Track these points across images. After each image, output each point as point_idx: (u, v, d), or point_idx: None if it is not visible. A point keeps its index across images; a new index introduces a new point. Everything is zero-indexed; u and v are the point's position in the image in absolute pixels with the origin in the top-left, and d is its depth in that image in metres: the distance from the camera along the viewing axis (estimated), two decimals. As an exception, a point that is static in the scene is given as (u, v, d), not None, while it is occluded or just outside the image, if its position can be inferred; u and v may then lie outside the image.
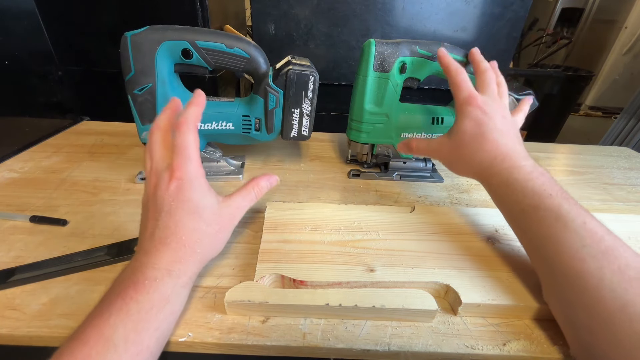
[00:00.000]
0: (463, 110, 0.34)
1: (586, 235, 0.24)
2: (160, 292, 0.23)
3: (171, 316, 0.24)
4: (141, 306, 0.22)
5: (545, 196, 0.27)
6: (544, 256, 0.26)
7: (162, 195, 0.26)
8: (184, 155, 0.27)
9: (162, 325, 0.23)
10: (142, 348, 0.21)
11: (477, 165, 0.33)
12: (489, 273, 0.30)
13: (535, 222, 0.27)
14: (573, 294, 0.23)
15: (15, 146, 0.52)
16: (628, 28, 1.78)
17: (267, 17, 0.92)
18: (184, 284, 0.26)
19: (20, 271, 0.29)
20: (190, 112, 0.29)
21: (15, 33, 0.52)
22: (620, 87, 1.88)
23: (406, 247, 0.33)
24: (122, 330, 0.21)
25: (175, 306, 0.25)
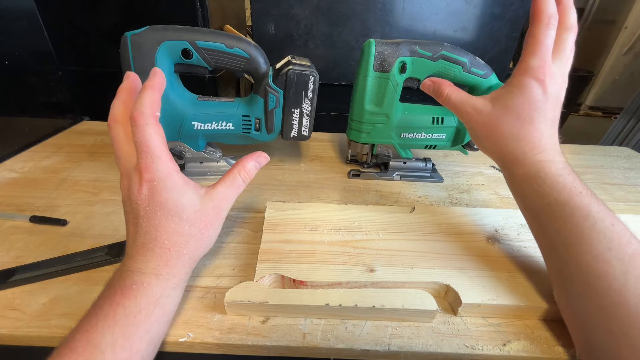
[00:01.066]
0: (523, 81, 0.28)
1: (614, 238, 0.23)
2: (148, 295, 0.23)
3: (162, 318, 0.24)
4: (128, 311, 0.22)
5: (576, 193, 0.26)
6: (564, 255, 0.25)
7: (136, 200, 0.25)
8: (148, 154, 0.24)
9: (152, 328, 0.23)
10: (132, 353, 0.21)
11: (510, 150, 0.29)
12: (489, 273, 0.30)
13: (560, 218, 0.25)
14: (591, 296, 0.23)
15: (15, 146, 0.52)
16: (628, 28, 1.78)
17: (267, 17, 0.92)
18: (175, 286, 0.25)
19: (20, 271, 0.29)
20: (144, 100, 0.25)
21: (15, 33, 0.52)
22: (620, 87, 1.88)
23: (406, 247, 0.33)
24: (110, 337, 0.21)
25: (166, 307, 0.24)
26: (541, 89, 0.28)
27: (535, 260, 0.32)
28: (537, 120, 0.28)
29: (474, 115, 0.31)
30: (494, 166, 0.56)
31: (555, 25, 0.28)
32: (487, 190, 0.49)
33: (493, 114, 0.30)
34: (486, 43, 0.98)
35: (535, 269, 0.31)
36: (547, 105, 0.28)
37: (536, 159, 0.28)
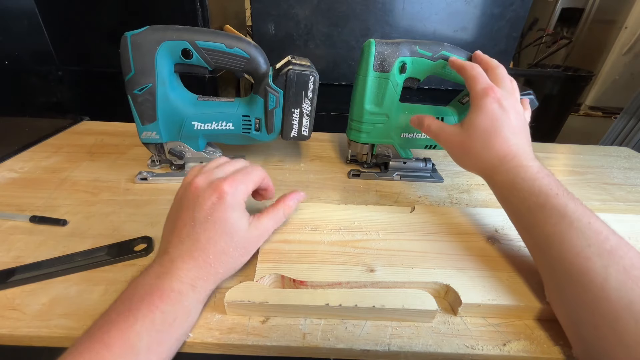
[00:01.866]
0: (479, 103, 0.33)
1: (591, 235, 0.24)
2: (183, 305, 0.24)
3: (189, 329, 0.25)
4: (166, 317, 0.22)
5: (552, 195, 0.27)
6: (548, 255, 0.26)
7: (203, 202, 0.26)
8: (243, 178, 0.28)
9: (180, 338, 0.24)
10: (161, 358, 0.22)
11: (485, 161, 0.33)
12: (489, 273, 0.30)
13: (540, 220, 0.27)
14: (577, 293, 0.23)
15: (15, 146, 0.52)
16: (628, 28, 1.78)
17: (267, 17, 0.92)
18: (202, 300, 0.26)
19: (20, 271, 0.29)
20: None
21: (15, 33, 0.52)
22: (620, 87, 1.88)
23: (406, 247, 0.33)
24: (147, 339, 0.21)
25: (193, 319, 0.25)
26: (496, 103, 0.33)
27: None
28: (501, 130, 0.32)
29: (449, 139, 0.36)
30: (494, 166, 0.56)
31: (477, 65, 0.36)
32: (487, 190, 0.48)
33: (464, 135, 0.34)
34: (486, 43, 0.98)
35: (535, 269, 0.31)
36: (507, 115, 0.32)
37: (510, 165, 0.31)
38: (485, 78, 0.35)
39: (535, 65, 1.95)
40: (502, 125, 0.32)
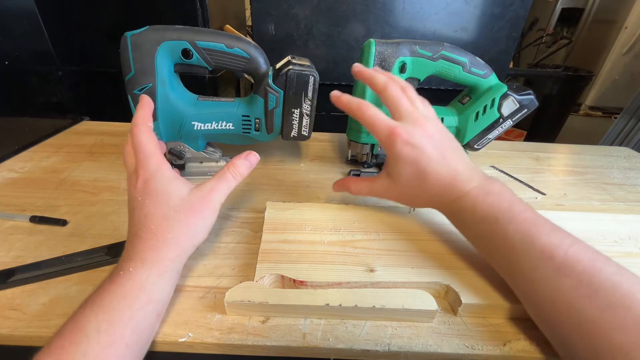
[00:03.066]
0: (391, 152, 0.30)
1: (535, 257, 0.24)
2: (133, 280, 0.24)
3: (148, 306, 0.24)
4: (113, 296, 0.23)
5: (492, 221, 0.27)
6: (509, 280, 0.27)
7: (132, 194, 0.28)
8: (142, 153, 0.28)
9: (137, 315, 0.23)
10: (115, 338, 0.21)
11: (429, 201, 0.32)
12: (489, 273, 0.30)
13: (490, 247, 0.27)
14: (538, 314, 0.25)
15: (15, 146, 0.52)
16: (628, 28, 1.78)
17: (267, 17, 0.92)
18: (161, 272, 0.25)
19: (20, 271, 0.29)
20: (138, 115, 0.31)
21: (15, 33, 0.52)
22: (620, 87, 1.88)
23: (406, 247, 0.33)
24: (95, 321, 0.21)
25: (152, 295, 0.24)
26: (408, 146, 0.29)
27: (535, 260, 0.32)
28: (426, 169, 0.29)
29: (386, 194, 0.34)
30: (494, 166, 0.56)
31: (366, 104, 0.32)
32: (487, 190, 0.49)
33: (396, 186, 0.32)
34: (486, 43, 0.98)
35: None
36: (423, 152, 0.29)
37: (451, 198, 0.30)
38: (382, 119, 0.31)
39: (535, 65, 1.95)
40: (424, 165, 0.29)
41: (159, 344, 0.25)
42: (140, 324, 0.23)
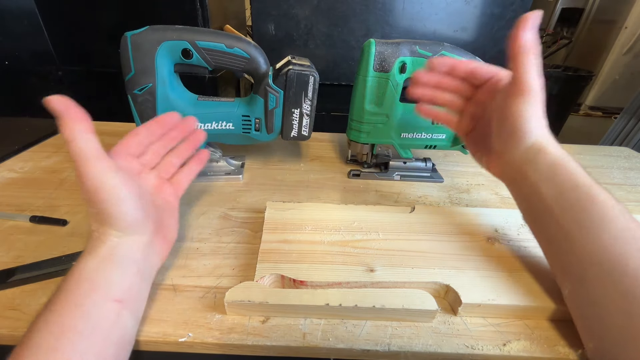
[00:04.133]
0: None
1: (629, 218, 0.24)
2: (74, 270, 0.24)
3: (94, 293, 0.23)
4: (60, 290, 0.23)
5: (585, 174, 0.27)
6: (579, 240, 0.25)
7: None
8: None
9: (85, 303, 0.22)
10: (64, 328, 0.21)
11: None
12: (489, 273, 0.30)
13: (587, 199, 0.25)
14: (609, 280, 0.23)
15: (15, 146, 0.52)
16: (628, 28, 1.79)
17: (267, 17, 0.92)
18: (103, 258, 0.24)
19: (20, 271, 0.29)
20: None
21: (15, 33, 0.52)
22: (620, 87, 1.88)
23: (406, 247, 0.33)
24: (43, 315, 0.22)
25: (95, 282, 0.23)
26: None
27: (536, 260, 0.32)
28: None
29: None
30: (494, 166, 0.56)
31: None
32: (487, 190, 0.49)
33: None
34: (486, 43, 0.98)
35: (536, 268, 0.31)
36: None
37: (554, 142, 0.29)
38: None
39: (536, 65, 1.95)
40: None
41: (159, 344, 0.26)
42: (92, 312, 0.22)
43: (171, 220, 0.31)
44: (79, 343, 0.21)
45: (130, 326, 0.24)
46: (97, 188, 0.24)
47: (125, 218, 0.25)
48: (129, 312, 0.24)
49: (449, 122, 0.37)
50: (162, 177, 0.33)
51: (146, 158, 0.32)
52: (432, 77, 0.35)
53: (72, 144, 0.24)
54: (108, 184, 0.24)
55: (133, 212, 0.26)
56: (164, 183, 0.32)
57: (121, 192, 0.25)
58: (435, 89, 0.36)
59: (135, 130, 0.31)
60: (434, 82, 0.35)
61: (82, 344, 0.21)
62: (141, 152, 0.32)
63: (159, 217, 0.29)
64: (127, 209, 0.25)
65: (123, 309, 0.24)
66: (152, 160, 0.32)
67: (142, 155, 0.32)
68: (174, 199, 0.33)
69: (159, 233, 0.29)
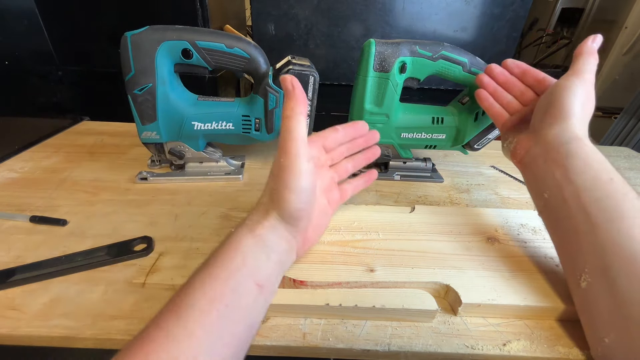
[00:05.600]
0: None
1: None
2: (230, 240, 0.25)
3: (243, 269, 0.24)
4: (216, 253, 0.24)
5: (604, 176, 0.27)
6: (607, 232, 0.25)
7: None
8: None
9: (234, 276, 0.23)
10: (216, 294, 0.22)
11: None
12: (489, 273, 0.30)
13: (620, 192, 0.25)
14: (636, 271, 0.23)
15: (15, 146, 0.52)
16: (628, 28, 1.78)
17: (267, 17, 0.92)
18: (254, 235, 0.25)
19: (21, 271, 0.29)
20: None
21: (15, 33, 0.52)
22: (620, 87, 1.88)
23: (406, 247, 0.33)
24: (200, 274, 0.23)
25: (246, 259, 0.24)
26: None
27: (536, 260, 0.32)
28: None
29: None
30: (494, 166, 0.56)
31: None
32: (487, 190, 0.49)
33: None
34: (486, 43, 0.98)
35: (536, 268, 0.31)
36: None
37: (586, 135, 0.30)
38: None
39: (535, 65, 1.95)
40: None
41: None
42: (239, 287, 0.23)
43: (322, 222, 0.32)
44: (225, 316, 0.21)
45: (261, 314, 0.25)
46: (287, 167, 0.25)
47: (294, 206, 0.26)
48: (264, 299, 0.25)
49: (499, 116, 0.38)
50: (335, 180, 0.34)
51: (332, 155, 0.34)
52: (503, 74, 0.38)
53: (287, 120, 0.26)
54: (298, 168, 0.25)
55: (303, 203, 0.26)
56: (334, 185, 0.34)
57: (303, 181, 0.26)
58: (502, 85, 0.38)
59: (335, 127, 0.34)
60: (503, 79, 0.38)
61: (227, 318, 0.21)
62: (332, 149, 0.34)
63: (317, 215, 0.30)
64: (299, 198, 0.26)
65: (260, 294, 0.24)
66: (335, 159, 0.34)
67: (331, 152, 0.33)
68: (334, 205, 0.34)
69: (308, 231, 0.29)
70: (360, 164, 0.36)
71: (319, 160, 0.32)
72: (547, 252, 0.33)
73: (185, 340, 0.19)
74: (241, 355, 0.22)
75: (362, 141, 0.36)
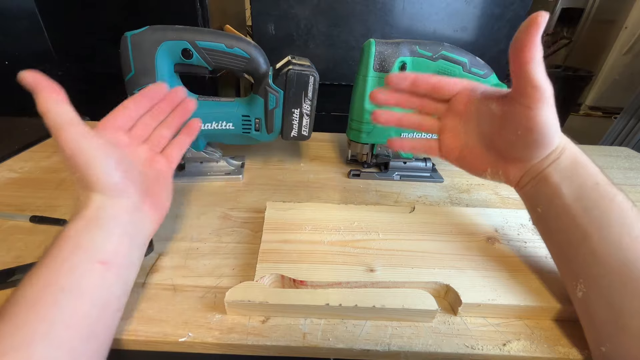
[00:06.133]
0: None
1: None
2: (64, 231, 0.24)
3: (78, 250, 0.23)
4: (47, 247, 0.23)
5: (602, 173, 0.27)
6: (598, 239, 0.25)
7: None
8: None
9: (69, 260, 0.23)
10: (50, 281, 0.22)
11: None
12: (489, 273, 0.30)
13: (607, 197, 0.25)
14: (628, 280, 0.23)
15: (15, 146, 0.52)
16: (628, 28, 1.79)
17: (267, 17, 0.92)
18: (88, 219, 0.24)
19: (20, 271, 0.29)
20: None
21: (15, 33, 0.52)
22: (620, 87, 1.88)
23: (406, 247, 0.33)
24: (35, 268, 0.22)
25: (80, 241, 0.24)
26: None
27: (536, 260, 0.32)
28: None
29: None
30: (494, 166, 0.56)
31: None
32: (487, 190, 0.49)
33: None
34: (486, 43, 0.98)
35: (536, 268, 0.31)
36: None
37: (570, 141, 0.29)
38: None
39: (535, 65, 1.95)
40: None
41: (159, 344, 0.26)
42: (75, 269, 0.22)
43: (163, 189, 0.31)
44: (61, 299, 0.21)
45: (116, 290, 0.24)
46: (74, 153, 0.24)
47: (105, 179, 0.25)
48: (115, 275, 0.24)
49: (429, 148, 0.34)
50: (154, 150, 0.32)
51: (136, 131, 0.32)
52: (390, 96, 0.32)
53: (48, 114, 0.24)
54: (84, 148, 0.24)
55: (113, 173, 0.26)
56: (155, 155, 0.32)
57: (98, 155, 0.25)
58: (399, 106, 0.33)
59: (123, 103, 0.31)
60: (394, 101, 0.33)
61: (63, 300, 0.21)
62: (130, 126, 0.31)
63: (148, 184, 0.29)
64: (106, 171, 0.25)
65: (107, 271, 0.23)
66: (142, 133, 0.32)
67: (132, 129, 0.32)
68: (167, 170, 0.32)
69: (148, 200, 0.29)
70: (175, 123, 0.34)
71: (118, 142, 0.30)
72: (547, 252, 0.33)
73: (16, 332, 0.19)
74: (98, 332, 0.22)
75: (166, 104, 0.34)
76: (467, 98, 0.31)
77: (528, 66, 0.25)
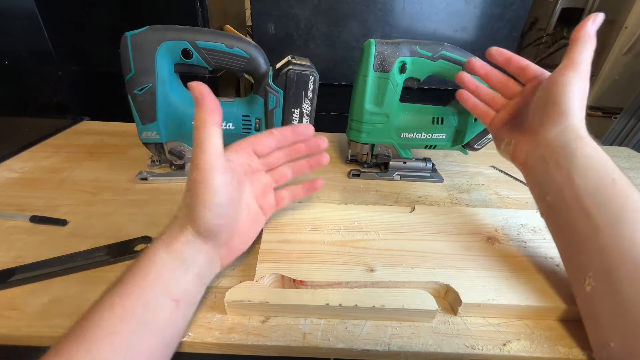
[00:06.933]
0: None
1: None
2: (145, 256, 0.24)
3: (157, 285, 0.23)
4: (128, 271, 0.23)
5: (618, 170, 0.26)
6: (614, 234, 0.24)
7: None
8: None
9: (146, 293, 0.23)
10: (126, 311, 0.21)
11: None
12: (489, 273, 0.30)
13: (623, 195, 0.25)
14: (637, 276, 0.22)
15: (15, 146, 0.52)
16: (628, 28, 1.78)
17: (267, 17, 0.92)
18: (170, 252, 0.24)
19: (21, 271, 0.29)
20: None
21: (15, 33, 0.52)
22: (620, 87, 1.88)
23: (406, 247, 0.33)
24: (110, 295, 0.22)
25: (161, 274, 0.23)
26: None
27: (536, 259, 0.32)
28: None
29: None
30: (494, 166, 0.56)
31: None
32: (487, 190, 0.49)
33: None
34: (486, 43, 0.98)
35: (536, 268, 0.31)
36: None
37: (588, 136, 0.29)
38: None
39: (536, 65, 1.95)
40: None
41: (159, 344, 0.25)
42: (152, 303, 0.22)
43: (252, 229, 0.31)
44: (138, 331, 0.21)
45: (181, 327, 0.25)
46: (200, 182, 0.24)
47: (210, 222, 0.25)
48: (182, 314, 0.24)
49: (484, 116, 0.37)
50: (271, 184, 0.33)
51: (268, 160, 0.33)
52: (483, 67, 0.37)
53: (196, 132, 0.24)
54: (211, 183, 0.24)
55: (220, 218, 0.26)
56: (270, 190, 0.33)
57: (218, 196, 0.25)
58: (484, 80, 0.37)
59: (270, 130, 0.32)
60: (483, 72, 0.37)
61: (140, 333, 0.21)
62: (266, 154, 0.32)
63: (243, 224, 0.29)
64: (215, 214, 0.25)
65: (177, 309, 0.24)
66: (272, 163, 0.33)
67: (265, 157, 0.32)
68: (269, 210, 0.33)
69: (233, 241, 0.29)
70: (302, 170, 0.35)
71: (249, 166, 0.31)
72: (547, 252, 0.33)
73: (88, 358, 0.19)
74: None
75: (304, 147, 0.34)
76: (538, 83, 0.33)
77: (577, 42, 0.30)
